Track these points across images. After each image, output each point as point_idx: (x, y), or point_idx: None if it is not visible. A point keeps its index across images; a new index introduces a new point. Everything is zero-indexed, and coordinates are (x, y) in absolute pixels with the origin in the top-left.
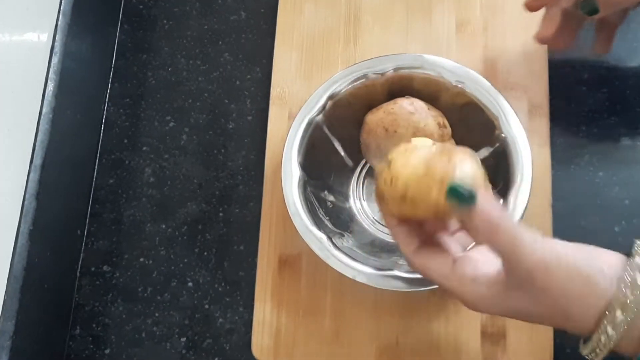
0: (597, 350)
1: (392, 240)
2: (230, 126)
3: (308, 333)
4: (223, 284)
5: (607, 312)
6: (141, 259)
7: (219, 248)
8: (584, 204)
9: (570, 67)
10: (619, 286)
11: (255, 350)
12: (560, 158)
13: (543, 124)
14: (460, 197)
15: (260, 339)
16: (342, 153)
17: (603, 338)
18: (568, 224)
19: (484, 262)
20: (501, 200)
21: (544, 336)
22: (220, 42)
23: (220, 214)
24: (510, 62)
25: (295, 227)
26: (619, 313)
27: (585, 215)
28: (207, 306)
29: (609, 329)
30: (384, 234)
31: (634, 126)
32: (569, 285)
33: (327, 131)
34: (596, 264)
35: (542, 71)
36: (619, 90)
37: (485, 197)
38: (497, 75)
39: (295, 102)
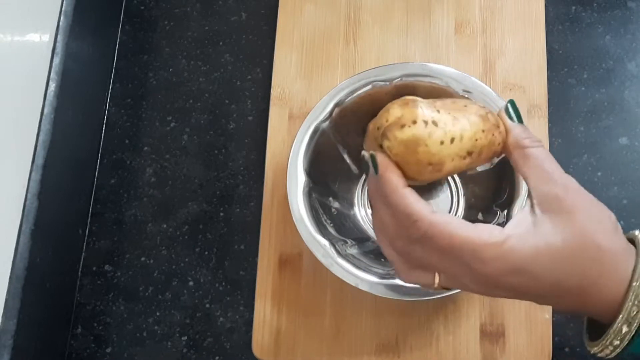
0: (615, 342)
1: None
2: (231, 126)
3: (308, 332)
4: (224, 284)
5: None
6: (142, 259)
7: (220, 247)
8: None
9: (569, 67)
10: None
11: (255, 349)
12: (559, 158)
13: (542, 124)
14: (516, 113)
15: (261, 338)
16: (348, 160)
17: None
18: None
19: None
20: (505, 212)
21: (543, 335)
22: (220, 43)
23: (221, 214)
24: (509, 63)
25: (296, 229)
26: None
27: None
28: (207, 305)
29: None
30: None
31: (632, 126)
32: (595, 212)
33: (333, 138)
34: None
35: (541, 71)
36: (617, 90)
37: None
38: (496, 75)
39: (295, 103)
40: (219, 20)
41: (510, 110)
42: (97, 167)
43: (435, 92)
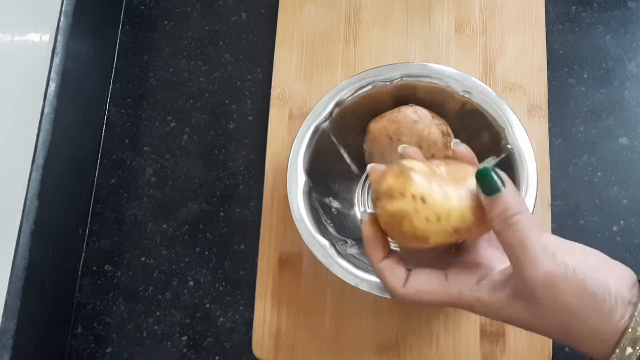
0: None
1: (395, 248)
2: (231, 126)
3: (308, 332)
4: (224, 283)
5: (617, 348)
6: (142, 259)
7: (220, 247)
8: (583, 204)
9: (569, 67)
10: (632, 316)
11: (255, 349)
12: (559, 158)
13: (542, 124)
14: (493, 181)
15: (261, 338)
16: (348, 160)
17: None
18: (567, 223)
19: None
20: None
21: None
22: (221, 43)
23: (221, 214)
24: (509, 63)
25: (296, 229)
26: (629, 350)
27: (584, 215)
28: (207, 305)
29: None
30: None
31: (632, 126)
32: (573, 303)
33: (333, 138)
34: (602, 277)
35: (541, 71)
36: (617, 90)
37: (511, 187)
38: (496, 75)
39: (295, 103)
40: (219, 20)
41: (480, 183)
42: (97, 167)
43: (435, 92)
